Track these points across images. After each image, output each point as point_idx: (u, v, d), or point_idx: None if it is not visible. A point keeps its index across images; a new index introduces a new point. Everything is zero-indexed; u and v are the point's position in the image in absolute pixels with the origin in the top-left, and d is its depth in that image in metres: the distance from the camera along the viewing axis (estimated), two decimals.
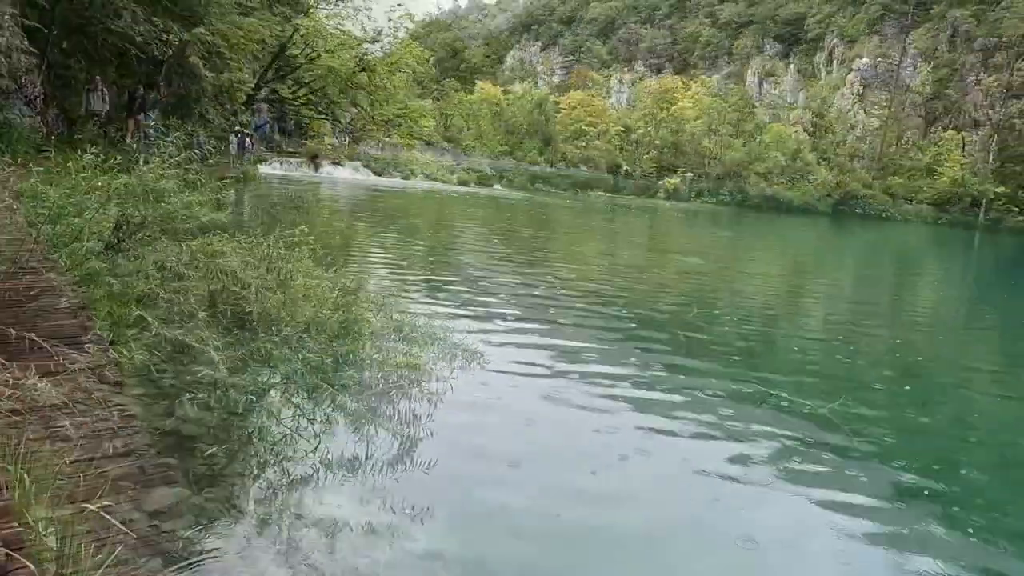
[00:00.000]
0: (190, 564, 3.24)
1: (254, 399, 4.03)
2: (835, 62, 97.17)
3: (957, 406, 7.44)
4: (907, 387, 8.05)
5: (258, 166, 33.10)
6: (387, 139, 33.19)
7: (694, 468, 4.94)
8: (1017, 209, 59.50)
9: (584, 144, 74.34)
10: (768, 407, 6.34)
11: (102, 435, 4.07)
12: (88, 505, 2.80)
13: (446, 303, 9.39)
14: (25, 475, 2.83)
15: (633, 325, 9.39)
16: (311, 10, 31.67)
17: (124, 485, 3.81)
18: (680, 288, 13.99)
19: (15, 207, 4.72)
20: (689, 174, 70.72)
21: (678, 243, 28.41)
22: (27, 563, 2.39)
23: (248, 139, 31.14)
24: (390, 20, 32.21)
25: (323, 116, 33.67)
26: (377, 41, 31.05)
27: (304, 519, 3.76)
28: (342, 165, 47.77)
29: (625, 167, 76.13)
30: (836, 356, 9.48)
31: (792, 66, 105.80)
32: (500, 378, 6.36)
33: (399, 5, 32.46)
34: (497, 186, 61.11)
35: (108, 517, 2.73)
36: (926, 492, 4.99)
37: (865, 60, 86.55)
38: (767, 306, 13.06)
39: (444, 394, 5.27)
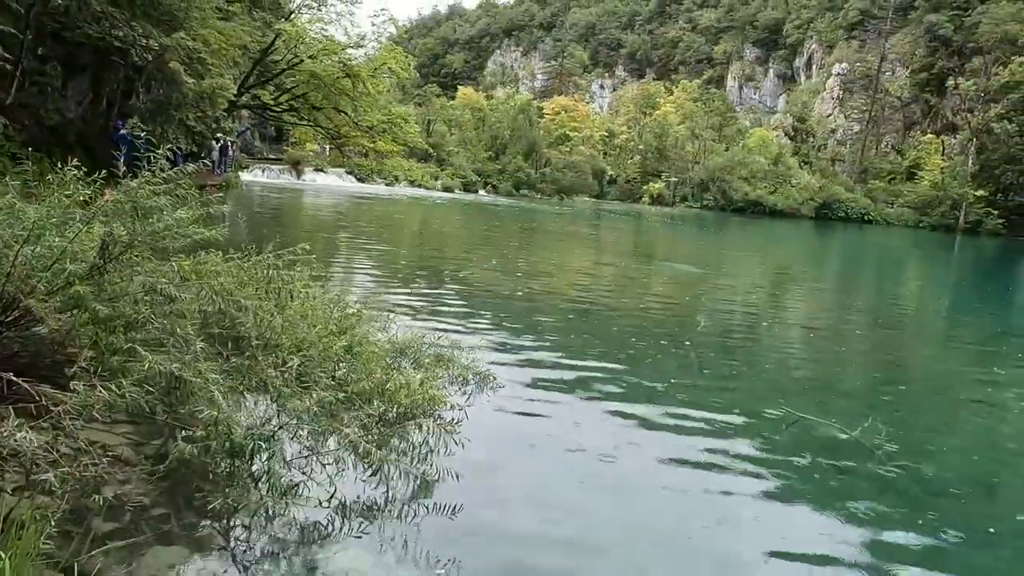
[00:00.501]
0: None
1: (262, 444, 3.61)
2: (814, 67, 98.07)
3: (987, 424, 7.16)
4: (931, 406, 7.78)
5: (240, 173, 32.51)
6: (371, 145, 32.64)
7: (730, 506, 4.60)
8: (996, 212, 60.20)
9: (568, 149, 74.28)
10: (796, 432, 6.02)
11: (90, 485, 3.65)
12: None
13: (448, 319, 8.99)
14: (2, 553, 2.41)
15: (644, 342, 9.06)
16: (293, 15, 31.17)
17: (115, 546, 3.40)
18: (681, 299, 13.68)
19: None
20: (673, 179, 70.85)
21: (669, 250, 28.23)
22: None
23: (230, 146, 30.57)
24: (374, 25, 31.77)
25: (306, 122, 33.08)
26: (361, 46, 30.52)
27: None
28: (325, 172, 47.36)
29: (610, 172, 76.17)
30: (853, 371, 9.20)
31: (772, 71, 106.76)
32: (515, 403, 5.99)
33: (383, 10, 32.01)
34: (482, 192, 60.87)
35: None
36: (991, 530, 4.67)
37: (844, 65, 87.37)
38: (771, 317, 12.79)
39: (460, 424, 4.88)
